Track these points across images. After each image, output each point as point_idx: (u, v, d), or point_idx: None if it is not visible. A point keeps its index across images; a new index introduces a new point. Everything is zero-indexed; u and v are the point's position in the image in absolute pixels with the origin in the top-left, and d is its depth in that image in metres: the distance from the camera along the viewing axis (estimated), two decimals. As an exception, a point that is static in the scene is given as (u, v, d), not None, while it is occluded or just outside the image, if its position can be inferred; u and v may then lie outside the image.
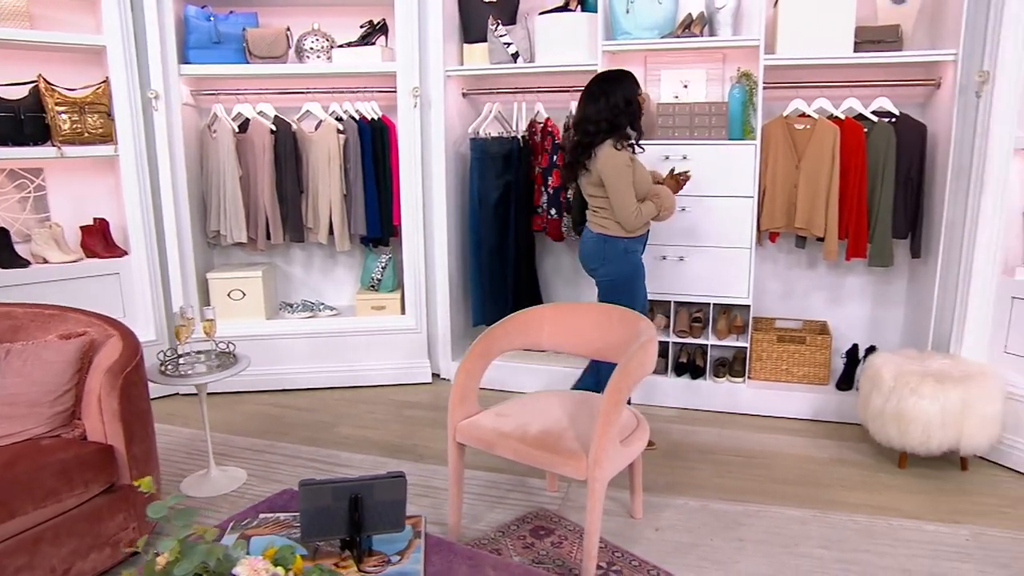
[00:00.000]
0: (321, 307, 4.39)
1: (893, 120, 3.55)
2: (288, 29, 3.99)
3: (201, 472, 3.13)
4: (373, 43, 4.07)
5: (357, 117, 4.12)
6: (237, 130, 4.06)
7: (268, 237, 4.15)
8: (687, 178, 3.32)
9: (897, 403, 3.07)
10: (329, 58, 4.03)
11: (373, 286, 4.34)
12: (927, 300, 3.56)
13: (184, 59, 3.87)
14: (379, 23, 4.10)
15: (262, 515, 2.15)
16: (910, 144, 3.53)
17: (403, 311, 4.27)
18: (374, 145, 4.12)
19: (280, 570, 1.45)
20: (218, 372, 2.95)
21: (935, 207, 3.51)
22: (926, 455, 3.08)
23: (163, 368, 2.93)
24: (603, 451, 2.19)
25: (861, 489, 3.04)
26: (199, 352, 3.06)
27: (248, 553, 1.51)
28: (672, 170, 3.38)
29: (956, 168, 3.34)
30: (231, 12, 3.93)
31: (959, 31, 3.23)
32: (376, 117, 4.14)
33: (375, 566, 1.90)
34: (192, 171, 4.03)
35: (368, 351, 4.22)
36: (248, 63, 3.94)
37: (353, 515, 1.88)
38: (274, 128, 4.04)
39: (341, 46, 4.05)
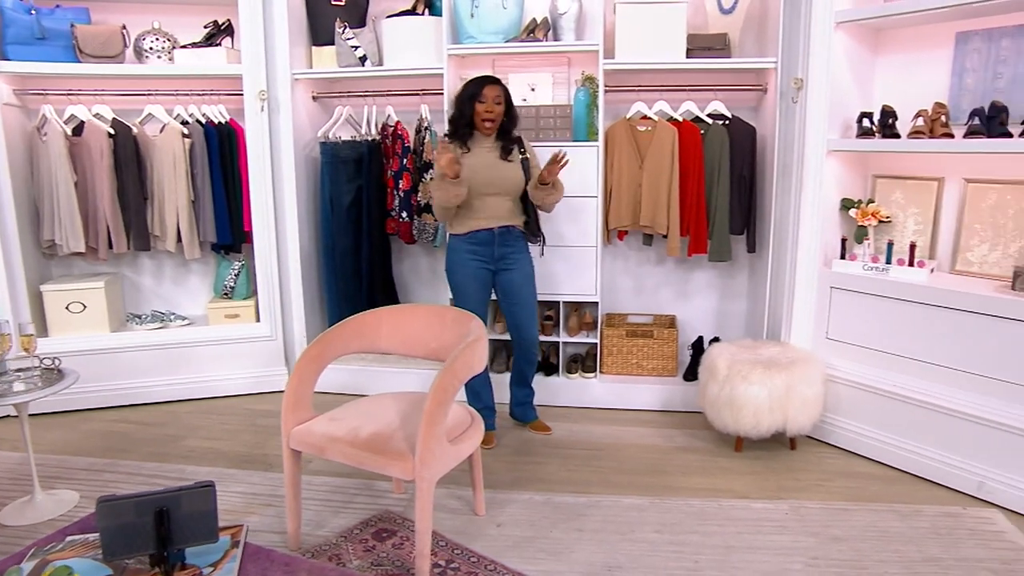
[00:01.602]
0: (172, 317, 4.21)
1: (726, 122, 3.76)
2: (124, 27, 3.81)
3: (25, 498, 2.93)
4: (218, 44, 3.95)
5: (203, 120, 3.99)
6: (70, 133, 3.84)
7: (110, 246, 3.96)
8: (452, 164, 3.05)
9: (730, 390, 3.25)
10: (171, 59, 3.88)
11: (226, 294, 4.21)
12: (762, 292, 3.78)
13: (2, 55, 3.62)
14: (224, 24, 3.98)
15: (69, 537, 2.04)
16: (742, 145, 3.74)
17: (258, 318, 4.16)
18: (222, 149, 4.00)
19: (53, 592, 1.38)
20: (38, 390, 2.77)
21: (766, 204, 3.74)
22: (758, 438, 3.27)
23: (-26, 388, 2.73)
24: (429, 451, 2.21)
25: (699, 474, 3.19)
26: (19, 370, 2.87)
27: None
28: None
29: (782, 167, 3.57)
30: (57, 6, 3.72)
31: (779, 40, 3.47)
32: (224, 120, 4.02)
33: (185, 580, 1.85)
34: (20, 176, 3.77)
35: (222, 361, 4.09)
36: (79, 62, 3.74)
37: (160, 529, 1.82)
38: (112, 131, 3.85)
39: (184, 47, 3.91)
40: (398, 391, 2.86)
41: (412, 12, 3.84)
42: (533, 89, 3.87)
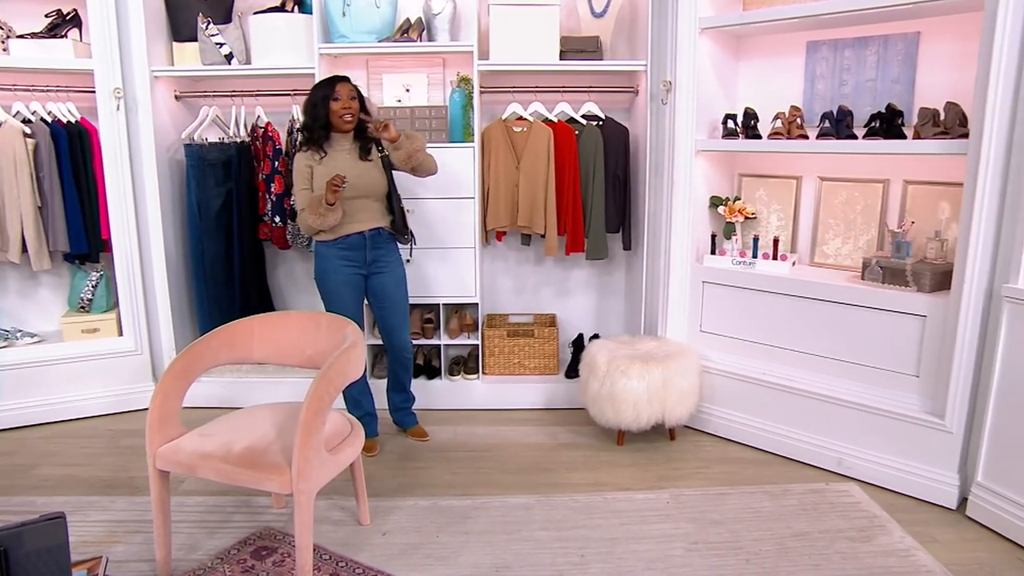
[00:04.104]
0: (19, 334, 3.85)
1: (600, 123, 3.84)
2: (-52, 14, 3.46)
3: None
4: (64, 36, 3.65)
5: (50, 119, 3.68)
6: None
7: (-58, 258, 3.58)
8: (337, 182, 2.95)
9: (610, 386, 3.31)
10: (6, 50, 3.56)
11: (83, 307, 3.91)
12: (639, 288, 3.89)
13: None
14: (69, 13, 3.69)
15: None
16: (615, 145, 3.83)
17: (120, 332, 3.88)
18: (72, 151, 3.69)
19: None
20: None
21: (640, 202, 3.85)
22: (639, 430, 3.35)
23: None
24: (306, 462, 2.12)
25: (583, 469, 3.24)
26: None
27: None
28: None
29: (654, 167, 3.69)
30: None
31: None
32: (74, 120, 3.72)
33: (34, 622, 1.69)
34: None
35: (80, 380, 3.78)
36: None
37: None
38: (-61, 130, 3.49)
39: (22, 36, 3.59)
40: (275, 402, 2.73)
41: (281, 9, 3.70)
42: (408, 90, 3.82)
